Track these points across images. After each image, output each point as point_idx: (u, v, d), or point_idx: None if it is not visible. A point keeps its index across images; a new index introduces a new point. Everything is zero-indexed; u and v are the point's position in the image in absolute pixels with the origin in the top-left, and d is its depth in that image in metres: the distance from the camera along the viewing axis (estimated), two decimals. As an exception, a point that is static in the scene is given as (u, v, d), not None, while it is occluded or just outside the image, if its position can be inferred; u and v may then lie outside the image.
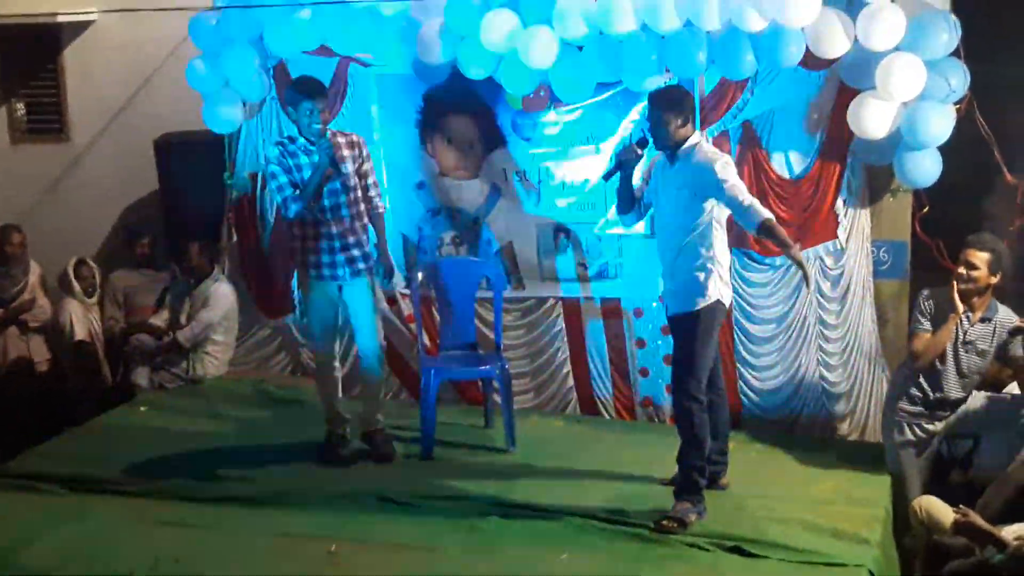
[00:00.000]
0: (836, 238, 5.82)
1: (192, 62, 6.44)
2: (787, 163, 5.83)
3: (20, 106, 8.05)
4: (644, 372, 6.22)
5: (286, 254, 6.29)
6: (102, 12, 7.44)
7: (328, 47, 6.23)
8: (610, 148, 6.02)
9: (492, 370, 5.84)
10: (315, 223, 5.43)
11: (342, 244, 5.46)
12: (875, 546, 4.67)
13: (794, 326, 5.93)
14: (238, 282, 6.90)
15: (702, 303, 4.81)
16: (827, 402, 5.95)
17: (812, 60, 5.40)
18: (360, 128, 6.03)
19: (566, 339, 6.36)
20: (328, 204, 5.40)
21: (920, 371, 5.18)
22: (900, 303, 5.83)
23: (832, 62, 5.44)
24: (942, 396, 5.18)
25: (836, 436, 5.92)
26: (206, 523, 4.95)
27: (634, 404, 6.30)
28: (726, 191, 4.67)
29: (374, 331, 5.65)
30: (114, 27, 7.46)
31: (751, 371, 6.03)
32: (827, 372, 5.92)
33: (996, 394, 5.38)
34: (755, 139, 5.83)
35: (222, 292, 6.74)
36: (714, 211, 4.80)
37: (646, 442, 5.78)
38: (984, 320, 5.14)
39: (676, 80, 5.61)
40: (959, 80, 5.27)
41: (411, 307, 6.27)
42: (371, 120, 6.42)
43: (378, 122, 6.43)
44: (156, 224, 7.33)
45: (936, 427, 5.23)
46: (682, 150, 4.84)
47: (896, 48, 5.21)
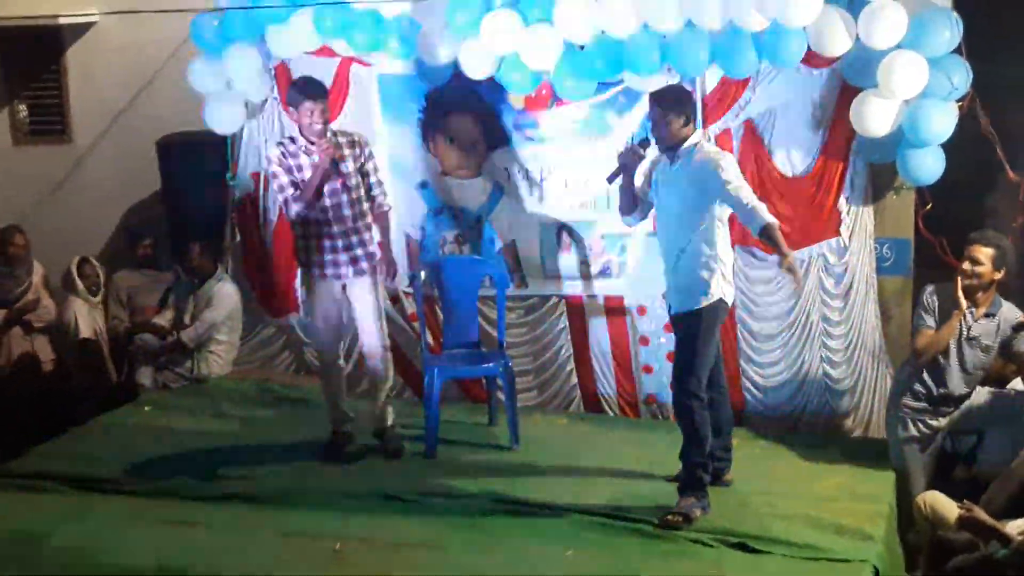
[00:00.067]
0: (839, 235, 5.83)
1: (194, 63, 6.45)
2: (789, 161, 5.84)
3: (22, 108, 8.05)
4: (647, 369, 6.22)
5: (289, 254, 6.29)
6: (104, 14, 7.45)
7: (330, 47, 6.24)
8: (612, 147, 6.02)
9: (495, 368, 5.85)
10: (317, 223, 5.44)
11: (344, 243, 5.47)
12: (879, 542, 4.67)
13: (797, 323, 5.94)
14: (241, 282, 6.91)
15: (705, 301, 4.82)
16: (831, 398, 5.95)
17: (814, 58, 5.41)
18: (362, 128, 6.02)
19: (569, 337, 6.37)
20: (330, 204, 5.41)
21: (923, 367, 5.19)
22: (903, 300, 5.83)
23: (834, 60, 5.45)
24: (946, 392, 5.18)
25: (840, 432, 5.93)
26: (210, 522, 4.95)
27: (637, 401, 6.30)
28: (730, 192, 4.67)
29: (378, 330, 5.65)
30: (116, 28, 7.47)
31: (755, 368, 6.03)
32: (831, 369, 5.93)
33: (1000, 390, 5.38)
34: (757, 137, 5.84)
35: (225, 292, 6.75)
36: (717, 210, 4.80)
37: (649, 439, 5.79)
38: (988, 316, 5.14)
39: (678, 79, 5.62)
40: (961, 77, 5.28)
41: (414, 306, 6.28)
42: (373, 120, 6.43)
43: (380, 122, 6.44)
44: (158, 225, 7.34)
45: (940, 423, 5.23)
46: (683, 149, 4.84)
47: (898, 46, 5.21)
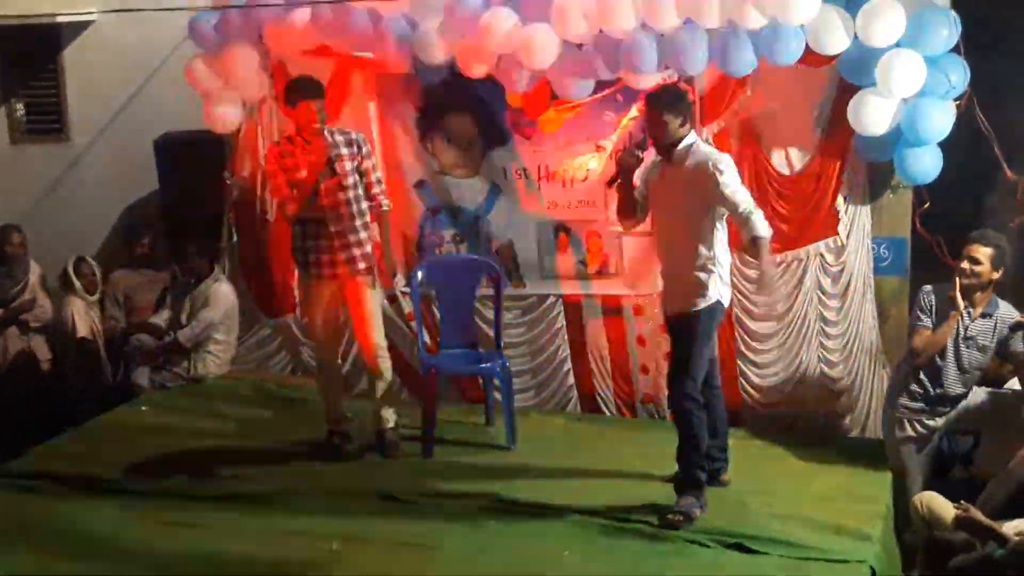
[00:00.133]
0: (836, 234, 5.82)
1: (192, 62, 6.44)
2: (787, 160, 5.83)
3: (20, 106, 8.05)
4: (644, 369, 6.21)
5: (286, 253, 6.28)
6: (102, 12, 7.44)
7: (327, 46, 6.23)
8: (610, 146, 6.02)
9: (493, 368, 5.84)
10: (315, 222, 5.43)
11: (342, 243, 5.46)
12: (876, 542, 4.67)
13: (795, 323, 5.93)
14: (238, 281, 6.90)
15: (702, 304, 4.79)
16: (828, 398, 5.94)
17: (812, 57, 5.40)
18: (359, 127, 6.02)
19: (566, 337, 6.36)
20: (327, 203, 5.40)
21: (920, 367, 5.18)
22: (901, 299, 5.82)
23: (832, 59, 5.44)
24: (943, 392, 5.18)
25: (837, 432, 5.92)
26: (207, 522, 4.95)
27: (635, 401, 6.29)
28: (727, 196, 4.66)
29: (375, 329, 5.64)
30: (113, 27, 7.46)
31: (752, 368, 6.02)
32: (828, 368, 5.92)
33: (997, 390, 5.38)
34: (755, 136, 5.83)
35: (222, 291, 6.74)
36: (714, 211, 4.79)
37: (647, 439, 5.78)
38: (985, 316, 5.13)
39: (676, 78, 5.61)
40: (959, 76, 5.27)
41: (411, 305, 6.27)
42: (370, 119, 6.41)
43: (377, 121, 6.43)
44: (156, 224, 7.34)
45: (937, 423, 5.23)
46: (679, 150, 4.82)
47: (896, 44, 5.21)
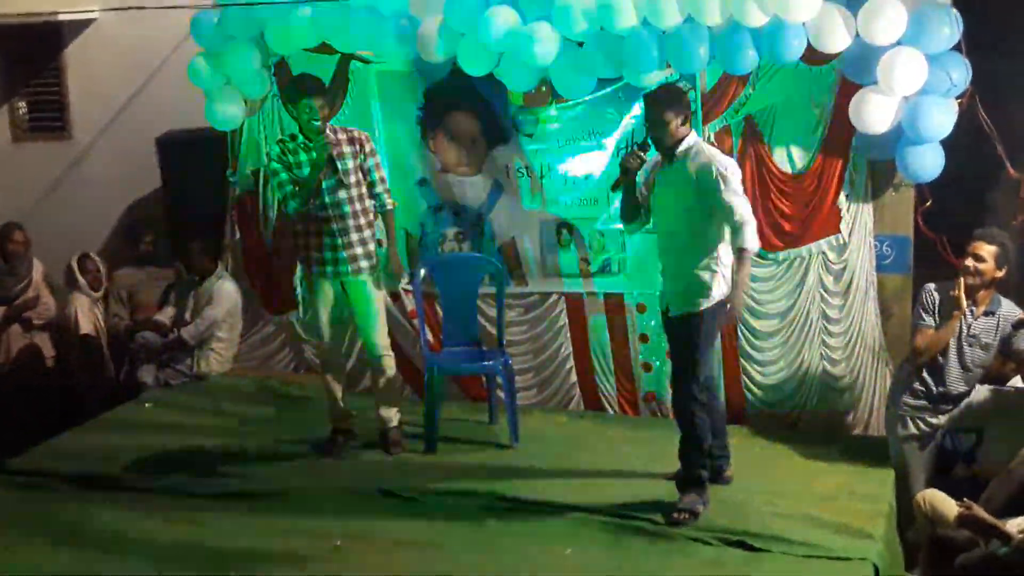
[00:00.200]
0: (839, 233, 5.82)
1: (193, 60, 6.44)
2: (789, 158, 5.83)
3: (22, 104, 8.07)
4: (647, 367, 6.21)
5: (289, 251, 6.29)
6: (103, 10, 7.46)
7: (329, 44, 6.23)
8: (612, 144, 6.02)
9: (495, 366, 5.84)
10: (317, 220, 5.43)
11: (344, 241, 5.46)
12: (879, 540, 4.67)
13: (797, 321, 5.93)
14: (242, 279, 6.91)
15: (705, 304, 4.77)
16: (831, 396, 5.95)
17: (814, 55, 5.40)
18: (361, 125, 6.02)
19: (569, 335, 6.36)
20: (329, 201, 5.40)
21: (923, 365, 5.18)
22: (903, 297, 5.81)
23: (834, 57, 5.44)
24: (945, 390, 5.17)
25: (840, 430, 5.92)
26: (211, 519, 4.96)
27: (637, 399, 6.30)
28: (725, 203, 4.62)
29: (379, 328, 5.65)
30: (115, 25, 7.48)
31: (755, 366, 6.02)
32: (830, 366, 5.92)
33: (1000, 387, 5.38)
34: (757, 134, 5.83)
35: (226, 289, 6.75)
36: (717, 211, 4.78)
37: (649, 437, 5.78)
38: (988, 314, 5.13)
39: (677, 75, 5.61)
40: (960, 74, 5.26)
41: (414, 303, 6.28)
42: (372, 117, 6.42)
43: (379, 119, 6.43)
44: (159, 221, 7.35)
45: (940, 421, 5.23)
46: (680, 151, 4.78)
47: (897, 42, 5.20)
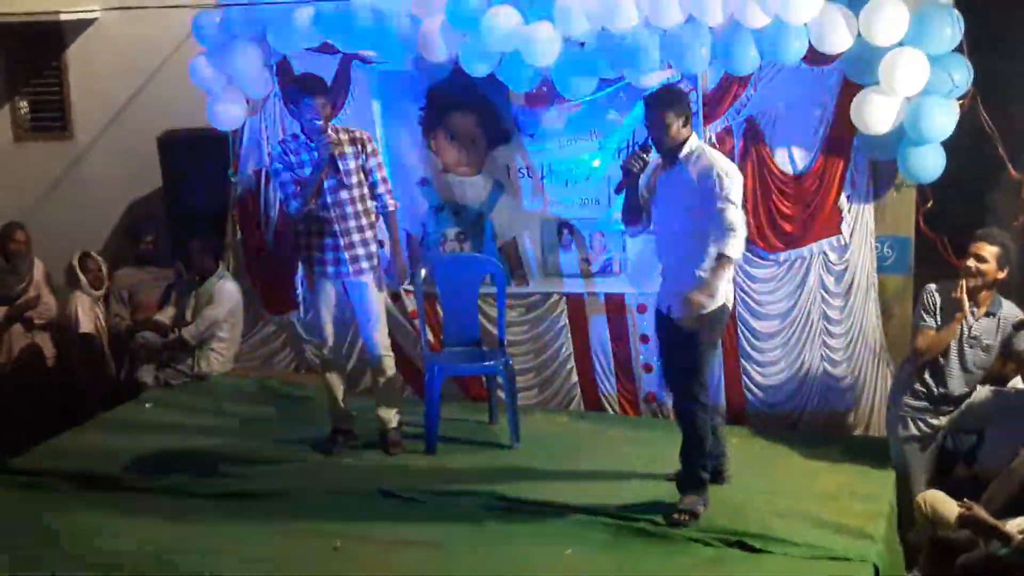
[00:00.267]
0: (840, 233, 5.82)
1: (195, 59, 6.45)
2: (791, 159, 5.82)
3: (23, 104, 8.07)
4: (648, 368, 6.21)
5: (290, 250, 6.30)
6: (105, 10, 7.46)
7: (331, 44, 6.24)
8: (613, 144, 6.02)
9: (496, 366, 5.84)
10: (318, 220, 5.43)
11: (346, 241, 5.46)
12: (879, 541, 4.67)
13: (798, 321, 5.93)
14: (243, 279, 6.91)
15: (710, 306, 4.72)
16: (831, 397, 5.95)
17: (815, 55, 5.40)
18: (363, 125, 6.02)
19: (570, 335, 6.37)
20: (330, 201, 5.40)
21: (924, 366, 5.18)
22: (904, 298, 5.81)
23: (835, 57, 5.43)
24: (946, 391, 5.17)
25: (840, 431, 5.92)
26: (210, 520, 4.96)
27: (638, 400, 6.30)
28: (718, 208, 4.57)
29: (380, 328, 5.65)
30: (117, 25, 7.49)
31: (755, 366, 6.02)
32: (831, 367, 5.92)
33: (1000, 388, 5.37)
34: (759, 135, 5.83)
35: (227, 289, 6.75)
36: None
37: (650, 438, 5.77)
38: (988, 315, 5.13)
39: (679, 76, 5.61)
40: (962, 75, 5.26)
41: (415, 303, 6.27)
42: (374, 117, 6.42)
43: (380, 119, 6.43)
44: (159, 221, 7.35)
45: (940, 422, 5.23)
46: (683, 155, 4.74)
47: (899, 43, 5.20)
